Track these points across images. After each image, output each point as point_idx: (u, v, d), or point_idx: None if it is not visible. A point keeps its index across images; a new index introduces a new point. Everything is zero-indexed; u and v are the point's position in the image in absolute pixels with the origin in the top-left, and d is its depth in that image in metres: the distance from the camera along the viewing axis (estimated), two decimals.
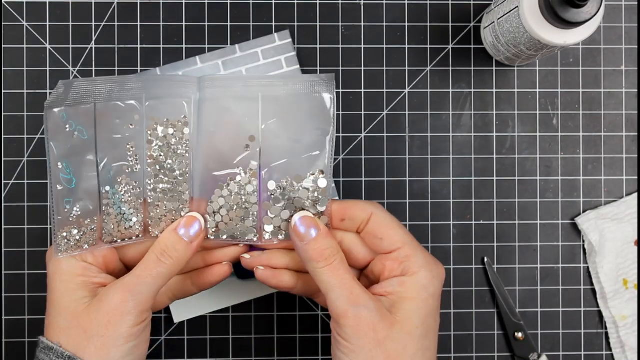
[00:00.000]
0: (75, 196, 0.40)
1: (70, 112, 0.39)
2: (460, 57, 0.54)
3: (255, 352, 0.53)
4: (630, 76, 0.54)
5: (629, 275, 0.53)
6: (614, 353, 0.54)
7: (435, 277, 0.40)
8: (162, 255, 0.39)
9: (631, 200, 0.54)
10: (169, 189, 0.41)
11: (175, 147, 0.40)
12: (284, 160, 0.40)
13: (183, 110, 0.40)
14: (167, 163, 0.40)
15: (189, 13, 0.54)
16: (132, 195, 0.41)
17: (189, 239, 0.40)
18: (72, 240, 0.40)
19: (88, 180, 0.40)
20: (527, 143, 0.54)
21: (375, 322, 0.37)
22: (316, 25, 0.54)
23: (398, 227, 0.40)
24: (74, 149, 0.39)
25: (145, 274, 0.39)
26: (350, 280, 0.38)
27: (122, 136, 0.40)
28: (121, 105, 0.40)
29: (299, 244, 0.39)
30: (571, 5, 0.42)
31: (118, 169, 0.40)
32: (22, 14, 0.53)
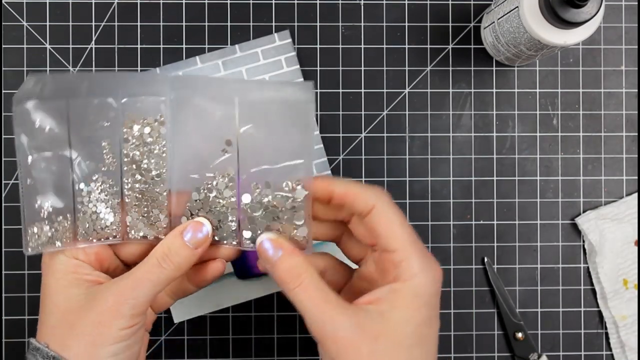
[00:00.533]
0: (47, 191, 0.38)
1: (42, 107, 0.38)
2: (460, 57, 0.54)
3: (255, 352, 0.53)
4: (630, 76, 0.54)
5: (629, 275, 0.53)
6: (614, 353, 0.54)
7: (431, 283, 0.38)
8: (164, 260, 0.38)
9: (631, 200, 0.54)
10: (146, 189, 0.39)
11: (151, 146, 0.39)
12: (264, 167, 0.39)
13: (159, 109, 0.39)
14: (143, 163, 0.39)
15: (189, 13, 0.54)
16: (109, 194, 0.39)
17: (194, 245, 0.38)
18: (42, 237, 0.39)
19: (61, 177, 0.39)
20: (527, 143, 0.54)
21: (355, 340, 0.35)
22: (316, 25, 0.54)
23: (398, 226, 0.38)
24: (46, 144, 0.38)
25: (144, 277, 0.37)
26: (322, 300, 0.36)
27: (97, 133, 0.39)
28: (95, 102, 0.39)
29: (267, 267, 0.38)
30: (571, 5, 0.42)
31: (93, 167, 0.39)
32: (22, 14, 0.53)
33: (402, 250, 0.37)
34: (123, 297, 0.37)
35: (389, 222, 0.38)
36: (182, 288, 0.43)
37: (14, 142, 0.38)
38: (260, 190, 0.39)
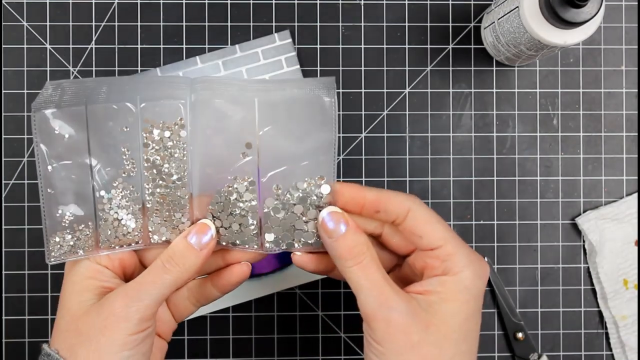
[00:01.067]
0: (68, 200, 0.38)
1: (61, 114, 0.38)
2: (461, 57, 0.54)
3: (255, 352, 0.53)
4: (630, 76, 0.55)
5: (629, 275, 0.53)
6: (614, 353, 0.54)
7: (478, 277, 0.37)
8: (168, 262, 0.37)
9: (631, 200, 0.54)
10: (168, 193, 0.39)
11: (172, 150, 0.39)
12: (283, 168, 0.39)
13: (179, 112, 0.39)
14: (164, 167, 0.39)
15: (189, 13, 0.54)
16: (130, 200, 0.39)
17: (198, 247, 0.38)
18: (65, 246, 0.39)
19: (81, 185, 0.39)
20: (527, 143, 0.54)
21: (408, 325, 0.35)
22: (316, 25, 0.54)
23: (438, 223, 0.38)
24: (66, 152, 0.38)
25: (148, 280, 0.37)
26: (381, 280, 0.36)
27: (116, 139, 0.39)
28: (114, 107, 0.38)
29: (328, 241, 0.37)
30: (571, 5, 0.42)
31: (113, 173, 0.39)
32: (22, 14, 0.53)
33: (447, 245, 0.37)
34: (129, 301, 0.36)
35: (429, 221, 0.38)
36: (204, 294, 0.42)
37: (34, 151, 0.38)
38: (282, 192, 0.39)
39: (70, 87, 0.39)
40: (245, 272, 0.41)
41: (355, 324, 0.53)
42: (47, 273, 0.53)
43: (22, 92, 0.53)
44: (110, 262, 0.39)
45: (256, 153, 0.39)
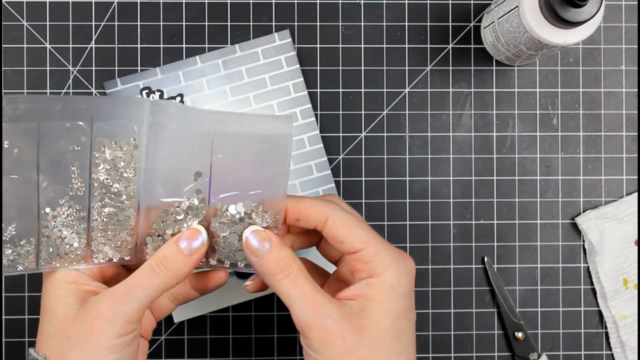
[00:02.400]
0: (11, 214, 0.38)
1: (11, 128, 0.37)
2: (460, 57, 0.54)
3: (255, 352, 0.53)
4: (630, 76, 0.55)
5: (629, 275, 0.53)
6: (614, 353, 0.54)
7: (404, 275, 0.38)
8: (158, 266, 0.37)
9: (631, 200, 0.54)
10: (114, 213, 0.39)
11: (122, 169, 0.39)
12: (234, 193, 0.39)
13: (133, 132, 0.38)
14: (114, 187, 0.39)
15: (189, 13, 0.54)
16: (75, 219, 0.39)
17: (189, 252, 0.38)
18: (5, 260, 0.38)
19: (27, 200, 0.38)
20: (527, 143, 0.54)
21: (343, 330, 0.36)
22: (316, 25, 0.54)
23: (357, 227, 0.38)
24: (14, 166, 0.38)
25: (136, 283, 0.37)
26: (311, 290, 0.37)
27: (66, 157, 0.38)
28: (67, 125, 0.38)
29: (254, 260, 0.38)
30: (571, 5, 0.42)
31: (60, 191, 0.38)
32: (22, 14, 0.53)
33: (369, 247, 0.38)
34: (116, 304, 0.36)
35: (348, 226, 0.38)
36: (183, 293, 0.43)
37: None
38: (228, 212, 0.39)
39: (24, 102, 0.38)
40: (222, 278, 0.42)
41: None
42: None
43: (22, 92, 0.53)
44: (88, 269, 0.39)
45: (207, 177, 0.39)
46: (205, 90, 0.53)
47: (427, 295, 0.54)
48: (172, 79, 0.52)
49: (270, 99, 0.53)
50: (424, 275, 0.54)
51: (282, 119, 0.40)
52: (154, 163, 0.39)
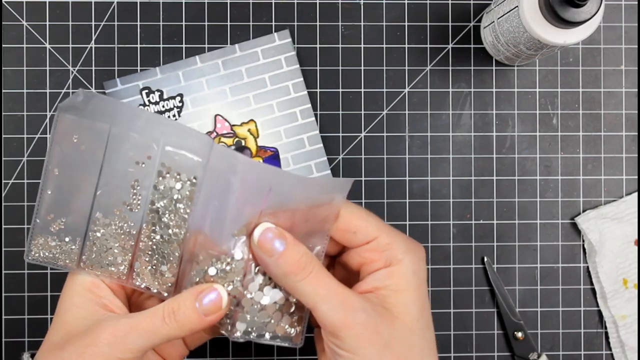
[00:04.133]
0: (63, 208, 0.37)
1: (85, 125, 0.37)
2: (460, 57, 0.54)
3: (255, 352, 0.53)
4: (630, 76, 0.55)
5: (628, 275, 0.53)
6: (613, 353, 0.54)
7: (421, 260, 0.36)
8: (169, 317, 0.35)
9: (631, 200, 0.54)
10: (161, 243, 0.38)
11: (178, 204, 0.37)
12: None
13: (196, 170, 0.37)
14: (165, 217, 0.37)
15: (189, 13, 0.54)
16: (124, 233, 0.38)
17: (204, 312, 0.35)
18: (46, 251, 0.38)
19: (82, 199, 0.37)
20: (527, 143, 0.54)
21: (378, 324, 0.34)
22: (316, 25, 0.54)
23: (369, 217, 0.37)
24: (78, 163, 0.37)
25: (141, 327, 0.35)
26: (337, 285, 0.34)
27: (130, 170, 0.37)
28: (138, 139, 0.37)
29: (268, 260, 0.35)
30: (571, 5, 0.42)
31: (117, 201, 0.38)
32: (22, 14, 0.53)
33: (383, 235, 0.36)
34: (114, 337, 0.35)
35: (361, 216, 0.37)
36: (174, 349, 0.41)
37: (46, 148, 0.37)
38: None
39: (101, 102, 0.37)
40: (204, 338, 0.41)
41: None
42: (47, 273, 0.53)
43: (22, 91, 0.53)
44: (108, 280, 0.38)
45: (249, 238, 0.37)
46: (205, 90, 0.53)
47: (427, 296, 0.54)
48: (172, 79, 0.53)
49: (270, 99, 0.53)
50: None
51: (340, 181, 0.37)
52: (206, 206, 0.37)
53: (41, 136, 0.53)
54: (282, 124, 0.53)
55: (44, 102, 0.53)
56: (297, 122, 0.53)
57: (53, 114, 0.53)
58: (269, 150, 0.53)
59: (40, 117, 0.53)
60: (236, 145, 0.52)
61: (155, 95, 0.52)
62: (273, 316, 0.37)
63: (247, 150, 0.53)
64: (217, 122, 0.53)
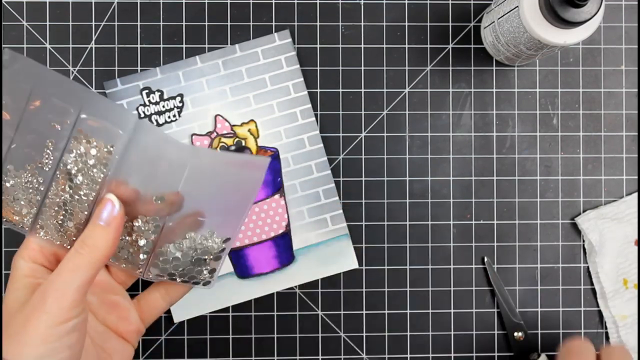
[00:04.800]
0: None
1: (7, 83, 0.38)
2: (460, 57, 0.54)
3: (255, 352, 0.53)
4: (630, 76, 0.55)
5: (629, 275, 0.53)
6: None
7: None
8: (80, 246, 0.37)
9: (631, 200, 0.54)
10: (69, 202, 0.40)
11: (91, 168, 0.40)
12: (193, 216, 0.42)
13: (115, 139, 0.39)
14: (77, 178, 0.40)
15: (189, 13, 0.54)
16: (33, 189, 0.40)
17: (105, 223, 0.38)
18: None
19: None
20: (527, 143, 0.54)
21: None
22: (316, 25, 0.54)
23: None
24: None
25: (63, 269, 0.37)
26: None
27: (45, 130, 0.39)
28: (56, 102, 0.39)
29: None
30: (571, 5, 0.42)
31: (29, 158, 0.40)
32: (22, 14, 0.53)
33: None
34: (47, 291, 0.36)
35: None
36: (154, 305, 0.45)
37: None
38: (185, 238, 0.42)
39: (26, 63, 0.39)
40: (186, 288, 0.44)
41: (355, 323, 0.53)
42: None
43: None
44: (46, 260, 0.40)
45: (168, 203, 0.41)
46: (205, 90, 0.53)
47: (427, 295, 0.54)
48: (172, 79, 0.52)
49: (270, 99, 0.53)
50: (424, 275, 0.54)
51: (256, 163, 0.41)
52: (123, 176, 0.40)
53: None
54: (282, 124, 0.53)
55: None
56: (297, 122, 0.53)
57: None
58: (269, 151, 0.53)
59: None
60: (236, 145, 0.53)
61: (155, 96, 0.52)
62: (186, 268, 0.42)
63: (247, 150, 0.53)
64: (217, 122, 0.53)
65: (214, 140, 0.52)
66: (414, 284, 0.54)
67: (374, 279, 0.53)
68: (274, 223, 0.52)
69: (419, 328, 0.53)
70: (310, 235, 0.53)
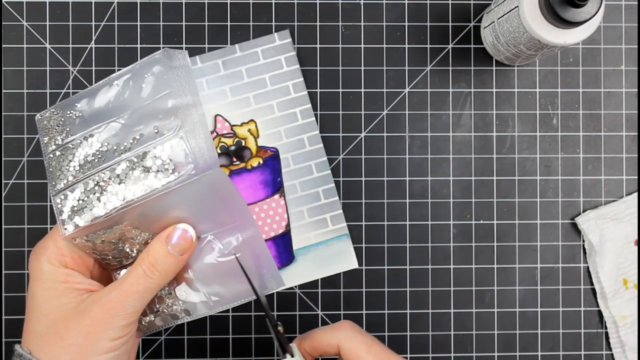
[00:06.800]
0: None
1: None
2: (460, 57, 0.54)
3: (255, 352, 0.53)
4: (630, 76, 0.55)
5: (629, 275, 0.53)
6: (613, 353, 0.54)
7: None
8: (150, 270, 0.38)
9: (631, 200, 0.54)
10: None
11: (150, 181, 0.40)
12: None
13: (183, 171, 0.39)
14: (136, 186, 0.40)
15: (189, 13, 0.54)
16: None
17: (179, 252, 0.39)
18: None
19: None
20: (527, 143, 0.54)
21: None
22: (316, 25, 0.54)
23: (365, 353, 0.39)
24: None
25: (131, 290, 0.38)
26: None
27: (140, 129, 0.40)
28: (166, 111, 0.40)
29: None
30: (571, 5, 0.42)
31: (117, 142, 0.40)
32: (22, 14, 0.53)
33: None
34: (113, 310, 0.37)
35: (355, 353, 0.39)
36: None
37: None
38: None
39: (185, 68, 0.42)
40: None
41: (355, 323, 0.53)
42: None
43: (22, 91, 0.53)
44: (76, 265, 0.40)
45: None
46: (205, 90, 0.53)
47: (427, 295, 0.54)
48: None
49: (270, 99, 0.53)
50: (424, 275, 0.54)
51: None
52: None
53: None
54: (282, 124, 0.53)
55: (44, 102, 0.53)
56: (297, 122, 0.53)
57: None
58: (269, 151, 0.53)
59: None
60: (236, 145, 0.52)
61: None
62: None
63: (247, 150, 0.53)
64: (217, 122, 0.53)
65: (214, 140, 0.52)
66: (414, 284, 0.54)
67: (374, 279, 0.53)
68: (274, 223, 0.52)
69: (419, 328, 0.53)
70: (310, 235, 0.53)
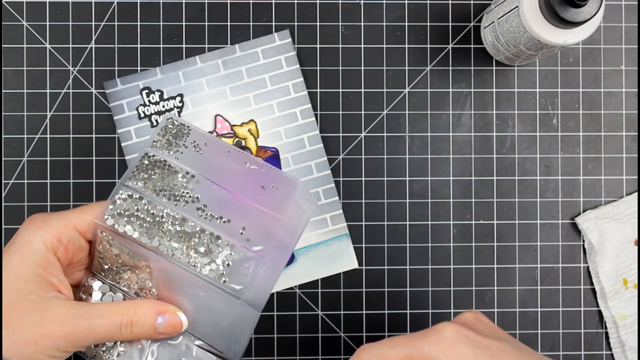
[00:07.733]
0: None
1: None
2: (460, 57, 0.54)
3: (256, 352, 0.53)
4: (630, 76, 0.55)
5: (628, 275, 0.53)
6: (613, 353, 0.54)
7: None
8: (126, 328, 0.38)
9: (631, 200, 0.54)
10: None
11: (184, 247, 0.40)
12: None
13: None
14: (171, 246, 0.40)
15: (189, 13, 0.54)
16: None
17: (161, 330, 0.39)
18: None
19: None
20: (527, 143, 0.54)
21: None
22: (316, 25, 0.54)
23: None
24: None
25: (99, 330, 0.37)
26: None
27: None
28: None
29: None
30: (571, 5, 0.42)
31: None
32: (22, 14, 0.53)
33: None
34: (71, 336, 0.37)
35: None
36: None
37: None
38: None
39: None
40: None
41: (355, 323, 0.53)
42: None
43: (22, 91, 0.53)
44: (63, 257, 0.39)
45: None
46: (205, 90, 0.53)
47: (427, 295, 0.54)
48: (172, 79, 0.53)
49: (270, 99, 0.53)
50: (424, 275, 0.54)
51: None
52: None
53: (41, 136, 0.53)
54: (282, 124, 0.53)
55: (44, 102, 0.53)
56: (297, 122, 0.53)
57: (53, 114, 0.53)
58: (269, 151, 0.53)
59: (41, 117, 0.53)
60: (236, 145, 0.52)
61: (155, 96, 0.52)
62: None
63: (247, 150, 0.53)
64: (217, 122, 0.53)
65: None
66: (414, 284, 0.54)
67: (374, 279, 0.53)
68: None
69: (418, 328, 0.53)
70: (310, 235, 0.53)
